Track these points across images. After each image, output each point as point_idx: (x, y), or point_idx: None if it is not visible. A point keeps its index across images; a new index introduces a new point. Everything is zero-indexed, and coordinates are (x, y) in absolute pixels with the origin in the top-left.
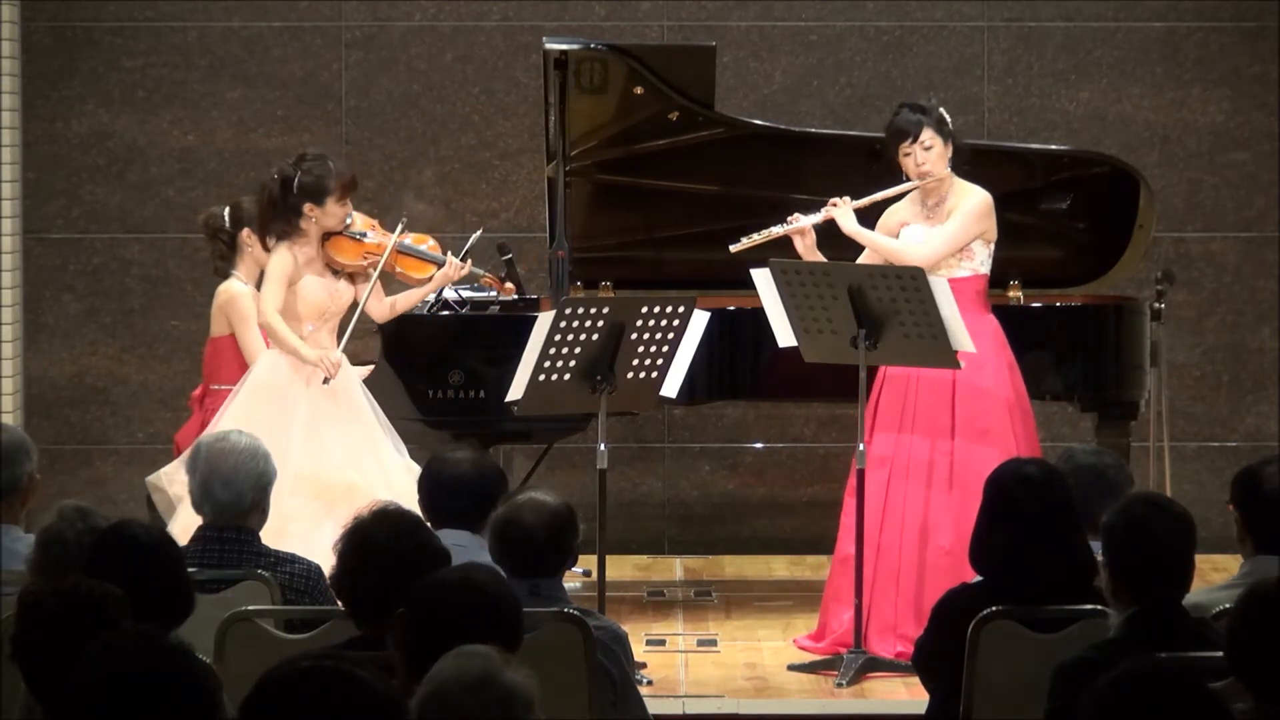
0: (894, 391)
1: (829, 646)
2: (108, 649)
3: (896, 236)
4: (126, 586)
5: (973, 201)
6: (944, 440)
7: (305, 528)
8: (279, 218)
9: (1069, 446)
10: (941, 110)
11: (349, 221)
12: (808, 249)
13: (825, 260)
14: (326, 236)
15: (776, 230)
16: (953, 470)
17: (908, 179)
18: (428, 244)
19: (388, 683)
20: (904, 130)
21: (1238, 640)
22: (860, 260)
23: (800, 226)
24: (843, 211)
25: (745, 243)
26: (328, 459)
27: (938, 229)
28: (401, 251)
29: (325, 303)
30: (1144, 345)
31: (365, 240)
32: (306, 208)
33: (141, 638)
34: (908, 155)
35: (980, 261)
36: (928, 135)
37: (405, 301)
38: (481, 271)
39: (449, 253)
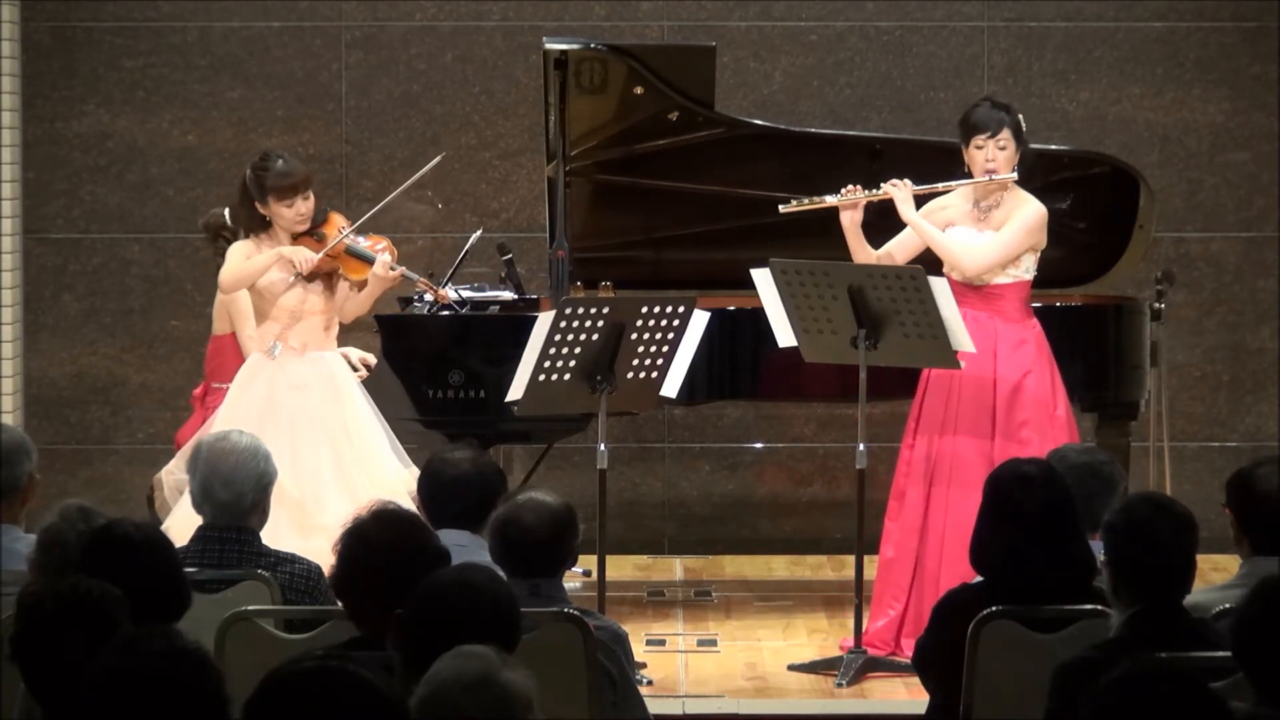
0: (937, 395)
1: (883, 647)
2: (125, 647)
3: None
4: (122, 584)
5: (1029, 212)
6: (986, 447)
7: None
8: (244, 214)
9: (1060, 447)
10: (1020, 116)
11: (321, 220)
12: (853, 225)
13: (866, 241)
14: (296, 237)
15: (830, 199)
16: None
17: (969, 173)
18: (380, 245)
19: (390, 683)
20: (983, 125)
21: (1244, 637)
22: (895, 241)
23: (853, 200)
24: (902, 195)
25: (795, 205)
26: None
27: (994, 236)
28: (349, 252)
29: (294, 303)
30: (1144, 345)
31: (324, 241)
32: (257, 206)
33: (160, 637)
34: (980, 149)
35: (1025, 269)
36: (1005, 135)
37: (353, 306)
38: (415, 276)
39: (384, 255)
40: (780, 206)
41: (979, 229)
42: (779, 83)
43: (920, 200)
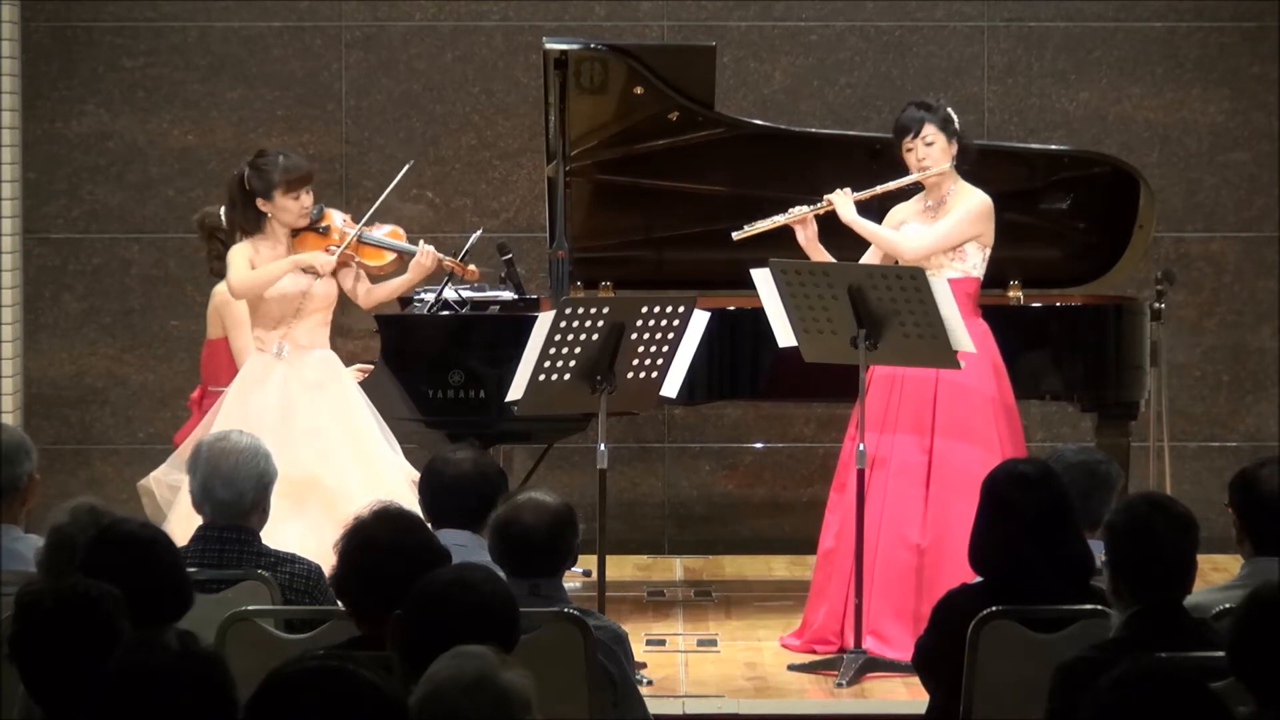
0: (879, 390)
1: (805, 644)
2: (138, 648)
3: None
4: (123, 583)
5: (972, 202)
6: (924, 438)
7: (270, 525)
8: (239, 214)
9: (1055, 447)
10: (949, 109)
11: (316, 216)
12: (809, 239)
13: (826, 253)
14: (295, 233)
15: (779, 219)
16: (931, 468)
17: (909, 175)
18: (402, 238)
19: (390, 683)
20: (905, 126)
21: (1240, 643)
22: (864, 258)
23: (800, 216)
24: (842, 200)
25: (748, 230)
26: (294, 456)
27: (935, 224)
28: (363, 241)
29: (297, 299)
30: (1144, 345)
31: (328, 234)
32: (259, 203)
33: (174, 639)
34: (909, 150)
35: (973, 264)
36: (929, 131)
37: (383, 292)
38: (442, 256)
39: (421, 241)
40: (734, 234)
41: (929, 224)
42: (779, 83)
43: (874, 207)
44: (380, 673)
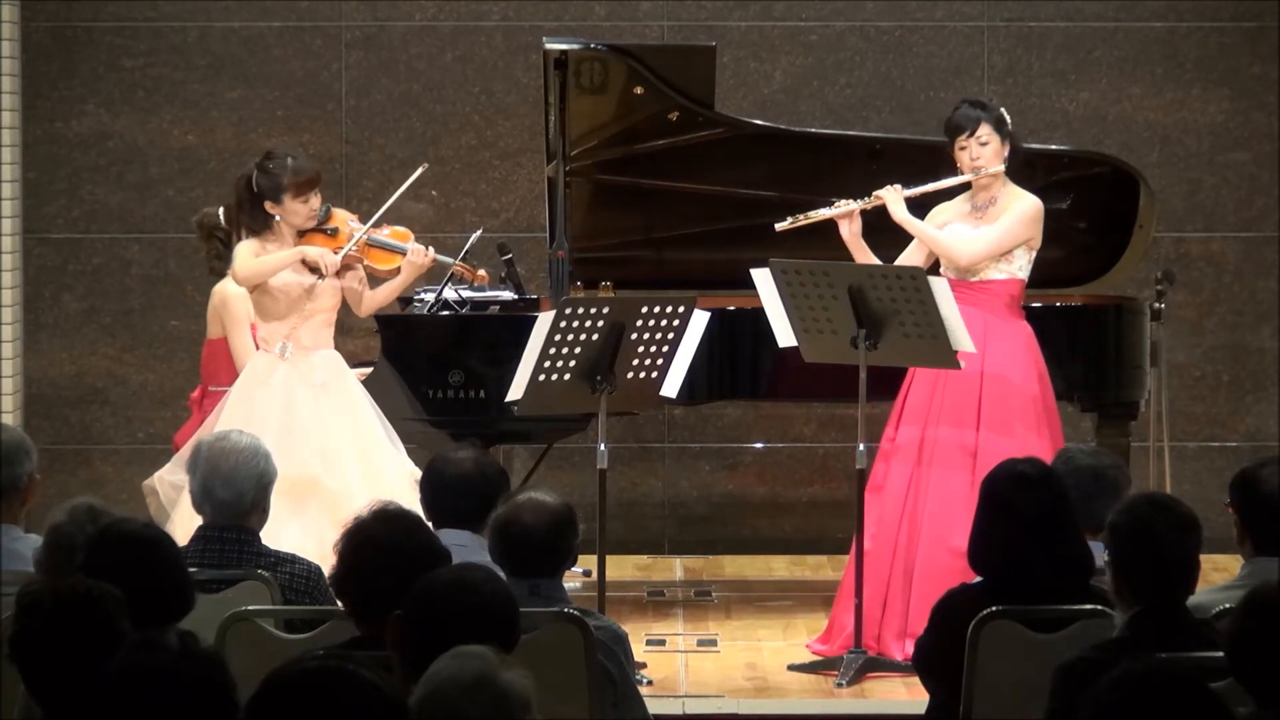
0: (922, 388)
1: (839, 648)
2: (139, 650)
3: None
4: (125, 584)
5: (1024, 205)
6: (968, 432)
7: (268, 525)
8: (245, 215)
9: (1067, 448)
10: (1002, 110)
11: (324, 216)
12: (853, 235)
13: (868, 249)
14: (302, 234)
15: (824, 212)
16: (976, 468)
17: (961, 174)
18: (409, 240)
19: (391, 683)
20: (961, 125)
21: (1239, 643)
22: (904, 255)
23: (847, 210)
24: (893, 198)
25: (790, 223)
26: (296, 456)
27: (989, 227)
28: (370, 244)
29: (300, 296)
30: (1144, 345)
31: (336, 235)
32: (267, 205)
33: (174, 640)
34: (963, 149)
35: (1019, 266)
36: (985, 131)
37: (381, 295)
38: (450, 260)
39: (416, 241)
40: (776, 226)
41: (975, 228)
42: (779, 83)
43: (915, 204)
44: (380, 673)
